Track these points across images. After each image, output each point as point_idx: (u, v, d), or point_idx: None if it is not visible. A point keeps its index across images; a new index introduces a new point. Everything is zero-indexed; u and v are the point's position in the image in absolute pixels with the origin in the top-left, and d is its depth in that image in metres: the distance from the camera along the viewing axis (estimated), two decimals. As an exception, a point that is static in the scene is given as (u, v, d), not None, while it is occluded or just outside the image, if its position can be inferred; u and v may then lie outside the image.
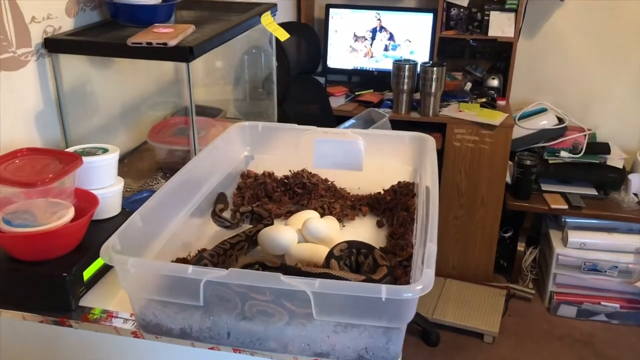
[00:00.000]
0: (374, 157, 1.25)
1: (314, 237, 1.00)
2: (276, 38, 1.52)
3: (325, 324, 0.76)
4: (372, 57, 2.80)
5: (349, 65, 2.83)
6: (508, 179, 2.55)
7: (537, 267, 2.74)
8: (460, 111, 2.50)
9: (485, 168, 2.49)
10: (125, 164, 1.37)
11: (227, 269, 0.73)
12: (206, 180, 1.12)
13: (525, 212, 2.60)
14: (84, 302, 0.92)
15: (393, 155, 1.27)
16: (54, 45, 1.11)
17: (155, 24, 1.17)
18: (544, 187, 2.56)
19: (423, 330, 2.36)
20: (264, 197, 1.19)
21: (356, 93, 2.71)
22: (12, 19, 1.04)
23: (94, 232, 0.98)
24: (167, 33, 1.09)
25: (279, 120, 2.12)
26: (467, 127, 2.45)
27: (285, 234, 0.98)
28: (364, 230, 1.12)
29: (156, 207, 0.92)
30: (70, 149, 1.01)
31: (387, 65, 2.65)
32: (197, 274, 0.74)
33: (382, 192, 1.20)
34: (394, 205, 1.14)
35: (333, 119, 2.46)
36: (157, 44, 1.05)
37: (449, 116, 2.47)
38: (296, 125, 1.27)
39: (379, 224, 1.13)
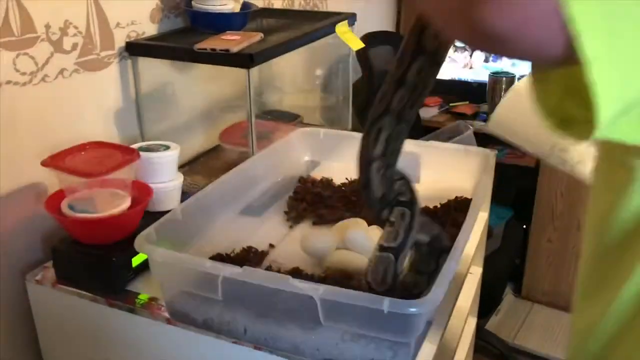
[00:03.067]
0: (436, 170, 1.23)
1: (352, 247, 1.00)
2: (362, 48, 1.54)
3: (333, 330, 0.76)
4: (471, 68, 2.73)
5: (446, 76, 2.78)
6: (609, 204, 2.36)
7: (639, 302, 2.52)
8: (560, 128, 2.36)
9: (585, 190, 2.33)
10: (199, 163, 1.45)
11: (242, 267, 0.77)
12: (260, 181, 1.17)
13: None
14: (133, 287, 1.00)
15: (456, 170, 1.24)
16: (134, 48, 1.21)
17: (228, 31, 1.24)
18: (651, 214, 2.35)
19: (501, 354, 2.26)
20: (319, 203, 1.21)
21: (450, 105, 2.66)
22: (98, 24, 1.15)
23: (150, 222, 1.05)
24: (233, 40, 1.15)
25: (361, 129, 2.14)
26: (565, 145, 2.31)
27: (323, 239, 1.00)
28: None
29: (200, 202, 0.98)
30: (136, 145, 1.10)
31: (486, 77, 2.57)
32: (215, 269, 0.77)
33: (439, 206, 1.18)
34: (445, 221, 1.12)
35: (421, 130, 2.43)
36: (220, 50, 1.11)
37: (546, 133, 2.34)
38: (356, 133, 1.28)
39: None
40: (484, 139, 2.38)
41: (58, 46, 1.08)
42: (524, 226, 2.47)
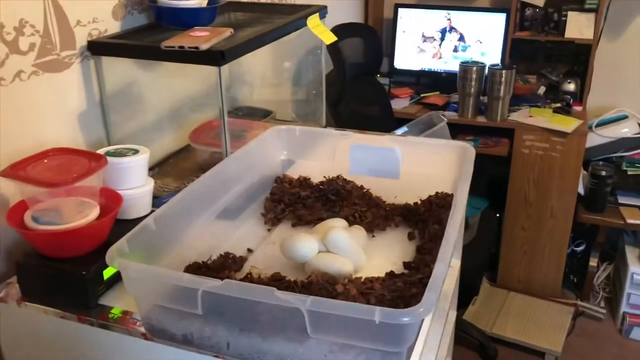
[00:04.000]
0: (415, 165, 1.20)
1: (334, 249, 0.97)
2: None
3: (321, 342, 0.73)
4: (440, 58, 2.72)
5: (416, 67, 2.76)
6: (581, 190, 2.39)
7: (611, 285, 2.56)
8: (531, 116, 2.37)
9: (556, 177, 2.35)
10: (169, 164, 1.40)
11: (222, 279, 0.72)
12: (235, 183, 1.12)
13: (599, 225, 2.44)
14: (105, 300, 0.94)
15: (435, 164, 1.22)
16: (96, 48, 1.15)
17: (195, 27, 1.18)
18: (621, 199, 2.38)
19: (480, 344, 2.26)
20: (298, 203, 1.17)
21: (421, 95, 2.64)
22: (57, 22, 1.08)
23: (121, 231, 0.99)
24: (201, 37, 1.10)
25: (334, 123, 2.10)
26: (537, 134, 2.32)
27: (305, 244, 0.96)
28: (394, 241, 1.07)
29: (174, 209, 0.93)
30: (102, 150, 1.04)
31: (456, 67, 2.56)
32: (193, 283, 0.73)
33: (419, 202, 1.15)
34: (427, 217, 1.09)
35: (394, 122, 2.40)
36: (189, 47, 1.05)
37: (517, 121, 2.35)
38: (333, 129, 1.24)
39: (410, 236, 1.08)
40: (456, 129, 2.38)
41: (13, 47, 1.01)
42: (497, 215, 2.48)
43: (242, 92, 1.67)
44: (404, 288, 0.87)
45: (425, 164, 1.21)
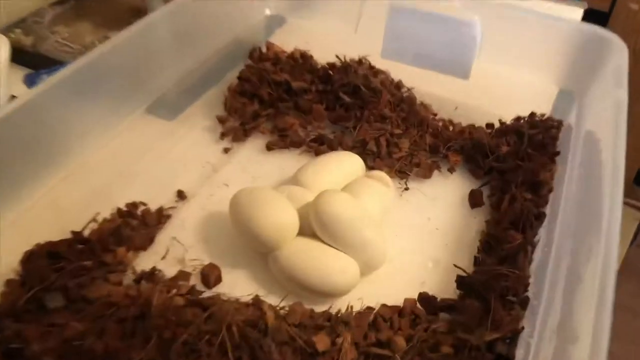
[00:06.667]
0: (500, 56, 0.67)
1: (326, 233, 0.49)
2: None
3: None
4: None
5: None
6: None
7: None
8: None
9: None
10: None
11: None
12: (179, 54, 0.62)
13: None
14: None
15: (536, 61, 0.68)
16: None
17: None
18: None
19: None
20: (284, 101, 0.67)
21: None
22: None
23: None
24: None
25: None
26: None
27: (276, 217, 0.48)
28: (442, 203, 0.59)
29: (56, 94, 0.45)
30: None
31: None
32: None
33: (498, 127, 0.64)
34: (512, 167, 0.59)
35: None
36: None
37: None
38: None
39: (474, 200, 0.59)
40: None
41: None
42: None
43: None
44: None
45: (519, 57, 0.68)
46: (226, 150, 0.63)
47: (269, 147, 0.63)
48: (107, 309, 0.44)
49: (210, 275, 0.50)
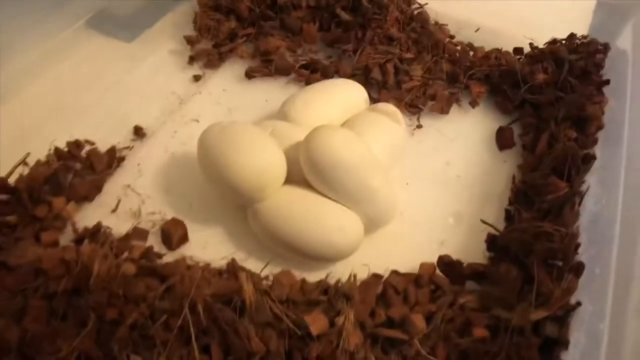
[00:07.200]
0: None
1: (323, 181, 0.38)
2: None
3: None
4: None
5: None
6: None
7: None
8: None
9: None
10: None
11: None
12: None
13: None
14: None
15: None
16: None
17: None
18: None
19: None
20: (268, 19, 0.54)
21: None
22: None
23: None
24: None
25: None
26: None
27: (257, 160, 0.37)
28: (463, 144, 0.48)
29: None
30: None
31: None
32: None
33: (528, 52, 0.52)
34: (550, 100, 0.48)
35: None
36: None
37: None
38: None
39: (503, 140, 0.48)
40: None
41: None
42: None
43: None
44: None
45: None
46: (196, 78, 0.51)
47: (249, 75, 0.51)
48: (32, 280, 0.33)
49: (173, 234, 0.39)
